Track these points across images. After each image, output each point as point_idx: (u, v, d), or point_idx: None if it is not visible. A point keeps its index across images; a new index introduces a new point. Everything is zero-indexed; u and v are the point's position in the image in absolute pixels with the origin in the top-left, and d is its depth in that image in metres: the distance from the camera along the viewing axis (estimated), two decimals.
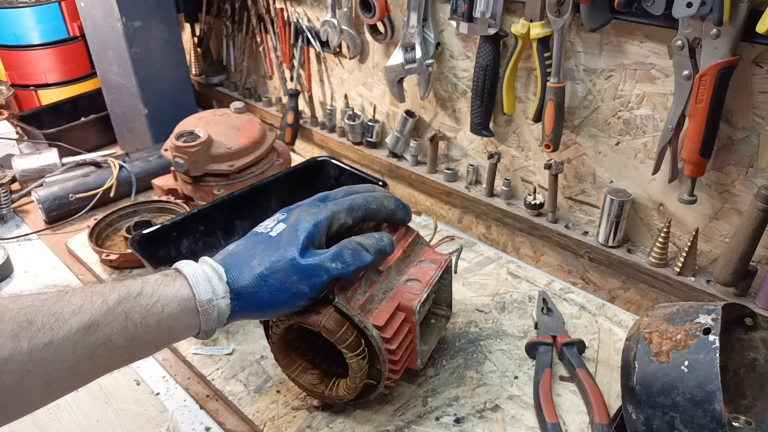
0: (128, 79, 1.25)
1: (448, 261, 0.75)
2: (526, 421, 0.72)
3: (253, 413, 0.73)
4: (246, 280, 0.59)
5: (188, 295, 0.56)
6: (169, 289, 0.56)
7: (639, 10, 0.74)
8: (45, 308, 0.51)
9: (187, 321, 0.57)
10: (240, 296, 0.59)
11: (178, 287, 0.57)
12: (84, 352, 0.51)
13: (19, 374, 0.49)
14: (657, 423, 0.58)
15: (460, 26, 0.93)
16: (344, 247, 0.62)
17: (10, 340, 0.48)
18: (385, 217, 0.70)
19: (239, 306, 0.59)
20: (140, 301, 0.54)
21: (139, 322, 0.54)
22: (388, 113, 1.19)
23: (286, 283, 0.59)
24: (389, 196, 0.71)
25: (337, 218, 0.64)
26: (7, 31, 1.36)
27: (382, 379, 0.68)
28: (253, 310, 0.60)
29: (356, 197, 0.67)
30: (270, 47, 1.36)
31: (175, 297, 0.56)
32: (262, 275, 0.59)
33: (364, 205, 0.67)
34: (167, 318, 0.55)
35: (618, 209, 0.87)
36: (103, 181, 1.16)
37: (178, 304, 0.56)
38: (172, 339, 0.58)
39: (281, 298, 0.59)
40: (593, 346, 0.82)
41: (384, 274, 0.70)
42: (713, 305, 0.61)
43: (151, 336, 0.55)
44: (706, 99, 0.71)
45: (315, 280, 0.60)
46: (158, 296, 0.55)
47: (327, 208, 0.64)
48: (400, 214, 0.72)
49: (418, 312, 0.68)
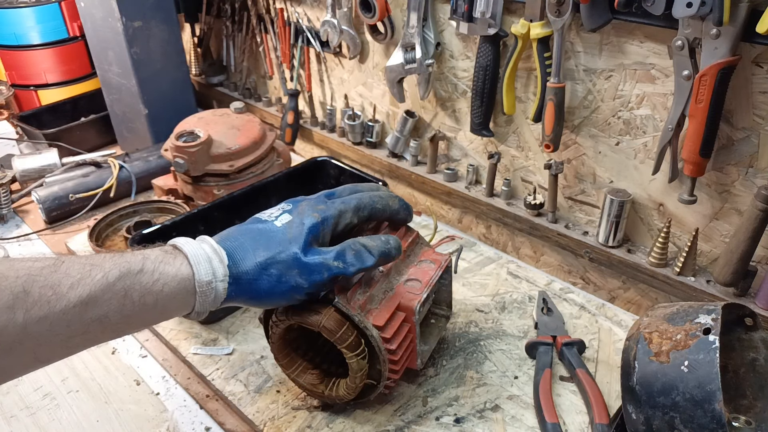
0: (128, 79, 1.25)
1: (448, 261, 0.75)
2: (526, 421, 0.72)
3: (253, 413, 0.73)
4: (247, 266, 0.58)
5: (188, 274, 0.55)
6: (170, 268, 0.55)
7: (639, 10, 0.74)
8: (42, 279, 0.48)
9: (184, 300, 0.56)
10: (238, 281, 0.58)
11: (179, 266, 0.55)
12: (78, 328, 0.50)
13: (9, 346, 0.47)
14: (657, 423, 0.58)
15: (460, 26, 0.93)
16: (348, 248, 0.61)
17: (5, 311, 0.46)
18: (389, 217, 0.70)
19: (236, 291, 0.58)
20: (141, 279, 0.53)
21: (138, 300, 0.53)
22: (388, 113, 1.19)
23: (286, 276, 0.59)
24: (393, 196, 0.71)
25: (344, 217, 0.64)
26: (7, 31, 1.36)
27: (382, 379, 0.68)
28: (248, 296, 0.59)
29: (362, 196, 0.67)
30: (270, 47, 1.36)
31: (176, 276, 0.55)
32: (263, 264, 0.58)
33: (370, 205, 0.67)
34: (165, 297, 0.54)
35: (618, 209, 0.87)
36: (103, 181, 1.16)
37: (177, 283, 0.55)
38: (165, 317, 0.57)
39: (279, 289, 0.59)
40: (593, 346, 0.82)
41: (384, 274, 0.70)
42: (713, 305, 0.61)
43: (147, 314, 0.54)
44: (706, 99, 0.71)
45: (315, 276, 0.59)
46: (159, 274, 0.54)
47: (335, 207, 0.64)
48: (402, 214, 0.72)
49: (418, 312, 0.68)
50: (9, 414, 0.75)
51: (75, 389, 0.79)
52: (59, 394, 0.78)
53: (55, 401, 0.77)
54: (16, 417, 0.75)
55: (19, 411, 0.76)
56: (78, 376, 0.81)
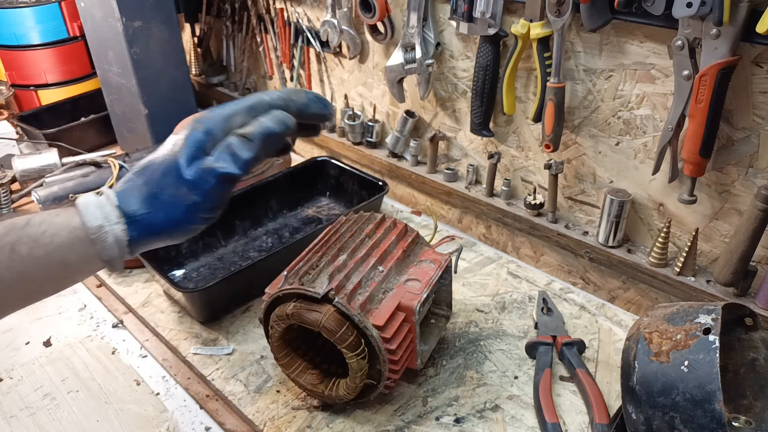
0: (128, 79, 1.25)
1: (448, 261, 0.75)
2: (526, 421, 0.72)
3: (253, 413, 0.73)
4: (137, 202, 0.55)
5: (78, 223, 0.53)
6: (58, 219, 0.53)
7: (639, 10, 0.74)
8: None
9: (82, 251, 0.53)
10: (134, 220, 0.55)
11: (69, 215, 0.54)
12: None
13: None
14: (657, 423, 0.58)
15: (460, 26, 0.93)
16: (227, 144, 0.56)
17: None
18: (297, 113, 0.60)
19: (137, 231, 0.55)
20: (27, 231, 0.51)
21: (27, 254, 0.51)
22: (388, 113, 1.19)
23: (178, 197, 0.55)
24: (299, 90, 0.62)
25: (233, 121, 0.57)
26: (7, 31, 1.36)
27: (382, 379, 0.68)
28: (153, 232, 0.56)
29: (260, 95, 0.60)
30: (270, 47, 1.36)
31: (65, 225, 0.53)
32: (152, 194, 0.55)
33: (267, 102, 0.59)
34: (58, 248, 0.52)
35: (618, 209, 0.87)
36: (103, 181, 1.16)
37: (68, 232, 0.53)
38: (72, 271, 0.55)
39: (176, 213, 0.55)
40: (593, 346, 0.82)
41: (384, 274, 0.70)
42: (713, 305, 0.61)
43: (45, 269, 0.52)
44: (706, 99, 0.71)
45: (204, 185, 0.55)
46: (47, 225, 0.52)
47: (219, 111, 0.57)
48: (314, 107, 0.61)
49: (418, 312, 0.68)
50: (9, 414, 0.75)
51: (75, 389, 0.79)
52: (59, 394, 0.78)
53: (55, 401, 0.77)
54: (16, 417, 0.75)
55: (19, 411, 0.76)
56: (78, 376, 0.81)
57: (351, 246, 0.73)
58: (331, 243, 0.74)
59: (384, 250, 0.73)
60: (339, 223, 0.79)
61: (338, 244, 0.73)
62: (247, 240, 1.06)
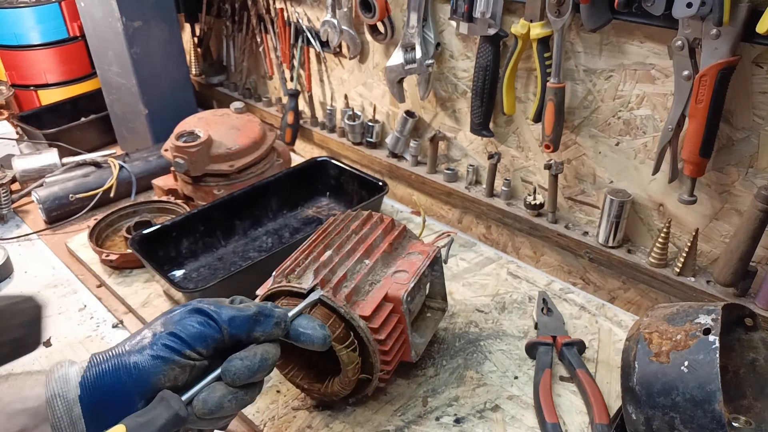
0: (128, 79, 1.25)
1: (437, 252, 0.75)
2: (526, 421, 0.72)
3: (253, 413, 0.73)
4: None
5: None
6: None
7: (639, 11, 0.74)
8: None
9: None
10: None
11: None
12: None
13: None
14: (657, 423, 0.58)
15: (460, 26, 0.93)
16: None
17: None
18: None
19: None
20: None
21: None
22: (388, 113, 1.19)
23: None
24: None
25: None
26: (7, 31, 1.36)
27: (375, 371, 0.68)
28: None
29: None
30: (270, 47, 1.36)
31: None
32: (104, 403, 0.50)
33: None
34: None
35: (618, 209, 0.87)
36: (103, 182, 1.16)
37: None
38: None
39: None
40: (593, 346, 0.82)
41: (370, 266, 0.70)
42: (713, 305, 0.61)
43: None
44: (706, 99, 0.71)
45: None
46: None
47: None
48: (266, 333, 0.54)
49: (406, 301, 0.68)
50: None
51: None
52: None
53: None
54: None
55: None
56: None
57: (337, 242, 0.73)
58: (318, 241, 0.74)
59: (370, 244, 0.73)
60: (328, 223, 0.79)
61: (325, 241, 0.74)
62: (247, 240, 1.06)
